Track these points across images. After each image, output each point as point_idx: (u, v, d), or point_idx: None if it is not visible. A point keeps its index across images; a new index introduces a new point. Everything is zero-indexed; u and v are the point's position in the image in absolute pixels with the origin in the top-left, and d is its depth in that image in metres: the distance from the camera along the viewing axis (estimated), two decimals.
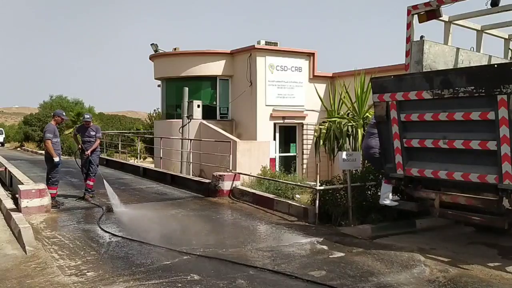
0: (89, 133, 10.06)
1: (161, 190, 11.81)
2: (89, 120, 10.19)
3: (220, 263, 5.67)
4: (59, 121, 9.60)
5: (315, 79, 17.62)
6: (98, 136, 10.21)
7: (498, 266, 5.87)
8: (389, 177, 7.05)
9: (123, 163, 16.66)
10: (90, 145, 9.99)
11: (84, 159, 10.10)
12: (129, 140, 27.17)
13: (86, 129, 10.11)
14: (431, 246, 6.76)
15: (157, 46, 18.55)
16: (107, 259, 5.83)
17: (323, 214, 8.10)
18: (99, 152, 10.85)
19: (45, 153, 9.46)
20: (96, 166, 10.19)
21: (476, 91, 5.66)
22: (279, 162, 16.93)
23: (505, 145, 5.46)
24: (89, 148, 9.94)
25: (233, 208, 9.64)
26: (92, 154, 10.02)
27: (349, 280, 5.14)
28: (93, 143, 10.04)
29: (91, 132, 10.08)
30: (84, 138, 10.08)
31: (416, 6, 7.43)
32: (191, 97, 15.35)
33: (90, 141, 10.04)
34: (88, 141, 10.04)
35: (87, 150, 9.93)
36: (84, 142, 10.07)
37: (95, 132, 10.15)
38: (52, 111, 13.55)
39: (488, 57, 8.42)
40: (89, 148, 9.94)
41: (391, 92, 6.67)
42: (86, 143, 10.04)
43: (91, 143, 10.03)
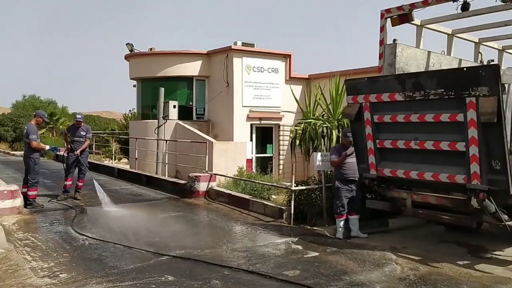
0: (80, 133, 10.04)
1: (136, 191, 11.70)
2: (80, 120, 10.18)
3: (195, 264, 5.66)
4: (39, 121, 9.56)
5: (292, 81, 17.73)
6: (88, 136, 10.22)
7: (467, 264, 6.03)
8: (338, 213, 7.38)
9: (97, 164, 16.42)
10: (80, 145, 9.97)
11: (72, 159, 10.01)
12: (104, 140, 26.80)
13: (77, 129, 10.08)
14: (403, 245, 6.90)
15: (133, 46, 18.37)
16: (80, 260, 5.75)
17: (298, 214, 8.17)
18: (88, 153, 10.85)
19: (25, 154, 9.33)
20: (86, 167, 10.20)
21: (446, 94, 5.81)
22: (256, 163, 16.97)
23: (473, 146, 5.63)
24: (79, 148, 9.91)
25: (208, 209, 9.62)
26: (81, 154, 9.98)
27: (323, 279, 5.20)
28: (83, 143, 10.03)
29: (81, 132, 10.06)
30: (74, 137, 10.02)
31: (389, 10, 7.59)
32: (167, 97, 15.25)
33: (80, 141, 10.01)
34: (78, 141, 10.00)
35: (77, 150, 9.87)
36: (74, 141, 10.00)
37: (86, 132, 10.15)
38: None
39: (459, 60, 8.65)
40: (78, 148, 9.91)
41: (365, 94, 6.78)
42: (76, 142, 9.98)
43: (81, 143, 10.00)
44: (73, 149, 9.92)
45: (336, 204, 7.43)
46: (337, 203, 7.41)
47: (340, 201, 7.36)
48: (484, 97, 5.44)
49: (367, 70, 12.97)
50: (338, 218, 7.39)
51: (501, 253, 6.71)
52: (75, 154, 9.88)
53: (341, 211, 7.35)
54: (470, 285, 5.16)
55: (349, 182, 7.36)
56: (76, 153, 9.86)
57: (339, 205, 7.37)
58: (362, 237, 7.27)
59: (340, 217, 7.36)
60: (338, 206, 7.39)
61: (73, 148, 9.92)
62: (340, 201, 7.36)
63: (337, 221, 7.40)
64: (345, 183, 7.36)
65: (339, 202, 7.38)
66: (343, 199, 7.33)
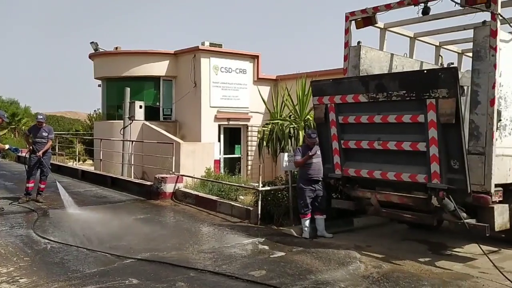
0: (41, 133, 9.78)
1: (100, 193, 11.46)
2: (42, 121, 9.90)
3: (161, 266, 5.60)
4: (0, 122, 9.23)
5: (259, 82, 17.77)
6: (50, 137, 9.95)
7: (428, 261, 6.21)
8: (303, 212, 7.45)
9: (60, 166, 16.01)
10: (42, 146, 9.70)
11: (34, 161, 9.73)
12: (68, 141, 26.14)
13: (39, 130, 9.81)
14: (367, 243, 7.03)
15: (97, 45, 17.98)
16: (41, 265, 5.60)
17: (266, 214, 8.20)
18: (50, 154, 10.58)
19: None
20: (48, 168, 9.96)
21: (407, 95, 5.97)
22: (224, 164, 16.92)
23: (433, 146, 5.80)
24: (41, 149, 9.64)
25: (175, 210, 9.53)
26: (43, 155, 9.71)
27: (289, 278, 5.24)
28: (45, 144, 9.77)
29: (43, 133, 9.80)
30: (36, 138, 9.74)
31: (353, 13, 7.72)
32: (133, 97, 15.01)
33: (42, 142, 9.75)
34: (40, 142, 9.73)
35: (39, 151, 9.59)
36: (36, 143, 9.72)
37: (48, 133, 9.88)
38: None
39: (420, 63, 8.90)
40: (40, 149, 9.64)
41: (330, 95, 6.89)
42: (38, 144, 9.71)
43: (43, 144, 9.73)
44: (35, 150, 9.65)
45: (300, 204, 7.51)
46: (301, 203, 7.49)
47: (304, 201, 7.44)
48: (444, 98, 5.62)
49: (333, 72, 13.17)
50: (303, 218, 7.47)
51: (460, 250, 6.94)
52: (37, 155, 9.61)
53: (305, 210, 7.43)
54: (431, 281, 5.30)
55: (312, 182, 7.44)
56: (38, 155, 9.60)
57: (303, 205, 7.45)
58: (327, 237, 7.36)
59: (305, 217, 7.44)
60: (302, 206, 7.47)
61: (35, 150, 9.65)
62: (304, 201, 7.44)
63: (302, 221, 7.48)
64: (309, 183, 7.44)
65: (302, 202, 7.47)
66: (306, 199, 7.42)
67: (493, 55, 6.03)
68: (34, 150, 9.68)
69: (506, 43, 6.28)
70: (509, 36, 6.42)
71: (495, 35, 6.02)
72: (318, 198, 7.45)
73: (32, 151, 9.74)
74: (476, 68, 6.21)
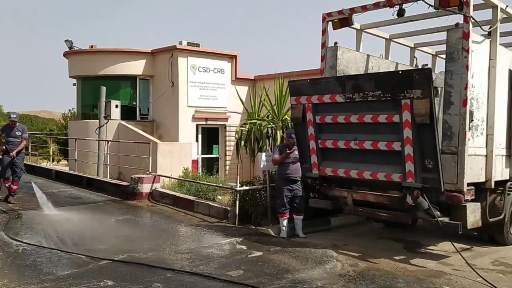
0: (15, 133, 9.59)
1: (75, 194, 11.26)
2: (15, 120, 9.74)
3: (137, 268, 5.53)
4: None
5: (237, 81, 17.75)
6: (24, 137, 9.78)
7: (404, 259, 6.32)
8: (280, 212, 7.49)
9: (33, 166, 15.65)
10: (15, 146, 9.51)
11: (7, 161, 9.51)
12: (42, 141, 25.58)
13: (12, 129, 9.62)
14: (344, 242, 7.10)
15: (72, 43, 17.64)
16: (13, 267, 5.46)
17: (243, 214, 8.20)
18: (24, 154, 10.39)
19: None
20: (21, 169, 9.75)
21: (383, 96, 6.05)
22: (202, 164, 16.84)
23: (408, 146, 5.89)
24: (14, 149, 9.44)
25: (152, 211, 9.44)
26: (17, 155, 9.51)
27: (266, 278, 5.25)
28: (19, 143, 9.59)
29: (16, 132, 9.61)
30: (9, 138, 9.53)
31: (330, 14, 7.78)
32: (109, 96, 14.80)
33: (15, 141, 9.56)
34: (13, 142, 9.54)
35: (12, 151, 9.39)
36: (9, 142, 9.51)
37: (21, 132, 9.70)
38: None
39: (396, 64, 9.02)
40: (14, 149, 9.44)
41: (307, 95, 6.93)
42: (11, 143, 9.50)
43: (16, 144, 9.54)
44: (7, 150, 9.43)
45: (278, 204, 7.53)
46: (279, 202, 7.51)
47: (281, 200, 7.47)
48: (418, 99, 5.71)
49: (310, 72, 13.24)
50: (280, 217, 7.49)
51: (434, 247, 7.07)
52: (10, 155, 9.40)
53: (283, 210, 7.46)
54: (406, 279, 5.38)
55: (290, 181, 7.46)
56: (12, 155, 9.39)
57: (281, 204, 7.48)
58: (301, 237, 7.40)
59: (283, 216, 7.46)
60: (279, 205, 7.50)
61: (8, 150, 9.43)
62: (281, 200, 7.47)
63: (280, 220, 7.50)
64: (287, 182, 7.47)
65: (280, 201, 7.49)
66: (284, 199, 7.44)
67: (466, 56, 6.16)
68: (7, 150, 9.45)
69: (478, 44, 6.43)
70: (481, 38, 6.57)
71: (468, 37, 6.16)
72: (296, 198, 7.47)
73: (5, 151, 9.51)
74: (449, 69, 6.33)
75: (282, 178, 7.53)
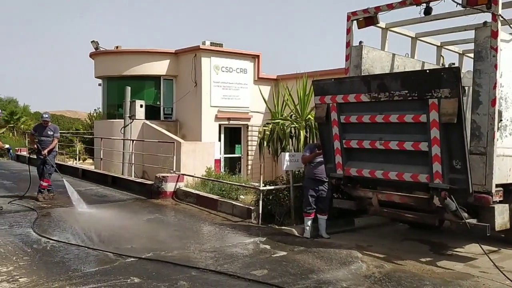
0: (47, 132, 9.82)
1: (101, 192, 11.46)
2: (47, 119, 9.97)
3: (162, 265, 5.60)
4: None
5: (260, 81, 17.77)
6: (55, 136, 10.00)
7: (430, 261, 6.22)
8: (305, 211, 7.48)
9: (61, 165, 15.96)
10: (47, 145, 9.74)
11: (41, 159, 9.76)
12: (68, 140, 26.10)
13: (44, 129, 9.86)
14: (369, 243, 7.04)
15: (98, 44, 17.96)
16: (41, 264, 5.58)
17: (267, 214, 8.20)
18: (56, 153, 10.61)
19: None
20: (52, 166, 9.96)
21: (409, 95, 5.96)
22: (224, 163, 16.91)
23: (436, 146, 5.80)
24: (46, 148, 9.67)
25: (176, 209, 9.53)
26: (48, 154, 9.73)
27: (290, 278, 5.24)
28: (49, 143, 9.80)
29: (48, 131, 9.84)
30: (42, 137, 9.77)
31: (355, 13, 7.71)
32: (134, 96, 15.00)
33: (47, 141, 9.79)
34: (45, 141, 9.77)
35: (44, 150, 9.62)
36: (41, 141, 9.75)
37: (53, 131, 9.94)
38: None
39: (422, 63, 8.89)
40: (45, 148, 9.67)
41: (332, 95, 6.88)
42: (43, 142, 9.74)
43: (48, 143, 9.77)
44: (40, 149, 9.66)
45: (304, 203, 7.52)
46: (305, 202, 7.50)
47: (307, 199, 7.45)
48: (446, 98, 5.61)
49: (334, 71, 13.14)
50: (306, 217, 7.47)
51: (461, 250, 6.94)
52: (42, 154, 9.63)
53: (308, 209, 7.44)
54: (433, 281, 5.30)
55: (317, 181, 7.45)
56: (44, 153, 9.61)
57: (306, 204, 7.47)
58: (324, 237, 7.36)
59: (308, 216, 7.44)
60: (305, 205, 7.49)
61: (40, 149, 9.66)
62: (307, 199, 7.45)
63: (305, 220, 7.48)
64: (313, 182, 7.45)
65: (306, 200, 7.48)
66: (309, 198, 7.42)
67: (494, 55, 6.04)
68: (39, 149, 9.68)
69: (506, 43, 6.28)
70: (509, 37, 6.42)
71: (496, 35, 6.03)
72: (322, 198, 7.45)
73: (38, 150, 9.74)
74: (477, 68, 6.21)
75: (309, 177, 7.53)
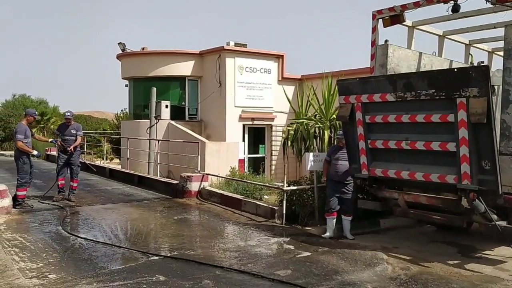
0: (70, 131, 9.83)
1: (127, 191, 11.65)
2: (70, 118, 9.95)
3: (187, 264, 5.65)
4: (31, 120, 9.33)
5: (284, 81, 17.75)
6: (79, 135, 9.99)
7: (457, 264, 6.09)
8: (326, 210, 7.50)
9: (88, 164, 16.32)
10: (71, 144, 9.73)
11: (64, 158, 9.78)
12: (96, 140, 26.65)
13: (67, 128, 9.86)
14: (394, 244, 6.94)
15: (125, 45, 18.27)
16: (70, 261, 5.70)
17: (290, 214, 8.19)
18: (79, 152, 10.58)
19: (15, 153, 9.19)
20: (78, 166, 10.02)
21: (437, 94, 5.85)
22: (248, 163, 16.97)
23: (464, 146, 5.67)
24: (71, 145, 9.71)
25: (200, 209, 9.60)
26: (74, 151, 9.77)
27: (314, 278, 5.21)
28: (73, 141, 9.80)
29: (72, 130, 9.85)
30: (65, 136, 9.81)
31: (380, 11, 7.62)
32: (159, 97, 15.20)
33: (70, 139, 9.79)
34: (69, 140, 9.78)
35: (69, 147, 9.66)
36: (65, 140, 9.79)
37: (76, 130, 9.94)
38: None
39: (449, 61, 8.72)
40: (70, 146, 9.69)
41: (357, 94, 6.81)
42: (67, 141, 9.77)
43: (72, 142, 9.78)
44: (65, 148, 9.72)
45: (326, 203, 7.52)
46: (327, 202, 7.50)
47: (328, 200, 7.44)
48: (475, 98, 5.48)
49: (359, 71, 13.02)
50: (327, 217, 7.45)
51: (490, 252, 6.78)
52: (68, 151, 9.64)
53: (329, 209, 7.41)
54: (460, 284, 5.19)
55: (338, 183, 7.42)
56: (70, 149, 9.64)
57: (328, 204, 7.48)
58: (349, 238, 7.31)
59: (329, 216, 7.41)
60: (327, 205, 7.50)
61: (65, 147, 9.71)
62: (328, 200, 7.44)
63: (327, 220, 7.45)
64: (334, 183, 7.44)
65: (328, 201, 7.48)
66: (330, 198, 7.41)
67: None
68: (64, 148, 9.74)
69: None
70: None
71: None
72: (345, 200, 7.40)
73: (61, 148, 9.82)
74: (507, 66, 6.05)
75: (329, 178, 7.51)
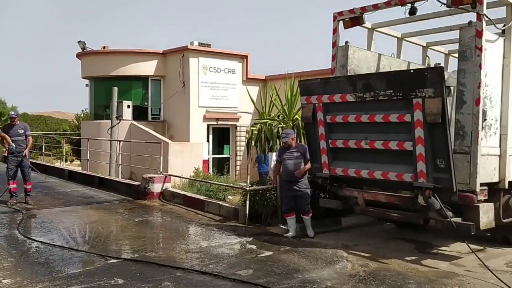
0: (17, 131, 9.33)
1: (87, 193, 11.36)
2: (14, 116, 9.48)
3: (147, 266, 5.56)
4: None
5: (248, 82, 17.76)
6: (27, 134, 9.50)
7: (415, 260, 6.25)
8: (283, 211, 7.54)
9: (47, 166, 15.83)
10: (19, 145, 9.26)
11: (13, 161, 9.29)
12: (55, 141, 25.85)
13: (12, 127, 9.36)
14: (355, 242, 7.06)
15: (85, 44, 17.81)
16: (26, 265, 5.53)
17: (254, 214, 8.19)
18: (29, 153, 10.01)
19: None
20: (29, 167, 9.57)
21: (394, 95, 6.00)
22: (213, 164, 16.88)
23: (420, 145, 5.83)
24: (19, 148, 9.23)
25: (163, 210, 9.48)
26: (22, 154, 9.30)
27: (275, 277, 5.23)
28: (22, 142, 9.32)
29: (18, 130, 9.36)
30: (12, 137, 9.26)
31: (341, 13, 7.73)
32: (121, 97, 14.89)
33: (18, 140, 9.29)
34: (17, 140, 9.28)
35: (20, 151, 9.20)
36: (13, 142, 9.23)
37: (24, 130, 9.45)
38: None
39: (407, 63, 8.94)
40: (19, 148, 9.22)
41: (318, 95, 6.90)
42: (15, 142, 9.23)
43: (20, 142, 9.31)
44: (15, 152, 9.19)
45: (282, 203, 7.61)
46: (283, 202, 7.59)
47: (284, 200, 7.54)
48: (430, 98, 5.65)
49: (321, 72, 13.18)
50: (286, 217, 7.49)
51: (446, 248, 6.99)
52: (23, 154, 9.25)
53: (286, 209, 7.47)
54: (417, 280, 5.33)
55: (289, 182, 7.42)
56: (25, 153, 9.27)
57: (284, 204, 7.56)
58: (310, 236, 7.36)
59: (288, 216, 7.44)
60: (283, 205, 7.59)
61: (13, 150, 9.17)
62: (284, 200, 7.54)
63: (287, 220, 7.48)
64: (286, 182, 7.47)
65: (283, 201, 7.58)
66: (285, 198, 7.49)
67: (479, 55, 6.07)
68: (12, 151, 9.21)
69: (491, 43, 6.33)
70: (494, 37, 6.48)
71: (481, 35, 6.07)
72: (297, 198, 7.40)
73: (10, 151, 9.25)
74: (462, 68, 6.25)
75: (283, 178, 7.54)
